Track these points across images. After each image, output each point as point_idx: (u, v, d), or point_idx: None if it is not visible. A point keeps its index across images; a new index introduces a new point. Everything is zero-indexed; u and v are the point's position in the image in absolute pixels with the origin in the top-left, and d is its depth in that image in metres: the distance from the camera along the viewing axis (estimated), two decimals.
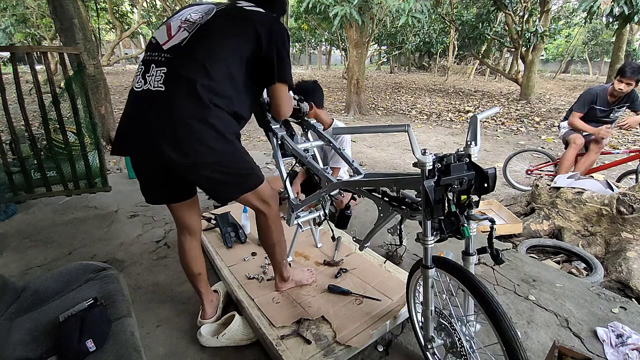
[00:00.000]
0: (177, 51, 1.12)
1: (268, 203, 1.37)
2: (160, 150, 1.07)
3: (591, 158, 3.11)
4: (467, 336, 1.11)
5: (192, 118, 1.07)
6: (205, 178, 1.17)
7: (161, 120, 1.08)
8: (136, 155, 1.19)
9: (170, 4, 12.54)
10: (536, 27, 8.68)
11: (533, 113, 8.12)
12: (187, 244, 1.44)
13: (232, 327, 1.45)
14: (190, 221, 1.41)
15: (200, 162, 1.11)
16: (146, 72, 1.13)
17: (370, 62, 25.66)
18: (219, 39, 1.14)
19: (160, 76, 1.10)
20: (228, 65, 1.14)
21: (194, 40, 1.13)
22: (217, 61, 1.12)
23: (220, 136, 1.11)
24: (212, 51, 1.13)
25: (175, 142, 1.07)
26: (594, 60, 23.86)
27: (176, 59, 1.11)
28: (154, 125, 1.08)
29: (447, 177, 0.98)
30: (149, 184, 1.30)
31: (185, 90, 1.08)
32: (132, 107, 1.15)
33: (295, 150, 1.64)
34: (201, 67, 1.10)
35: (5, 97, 2.52)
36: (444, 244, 1.21)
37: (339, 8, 5.69)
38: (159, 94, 1.08)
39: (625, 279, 2.01)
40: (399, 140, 5.80)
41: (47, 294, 1.31)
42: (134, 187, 3.33)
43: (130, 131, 1.14)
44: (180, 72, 1.09)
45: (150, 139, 1.09)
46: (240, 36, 1.16)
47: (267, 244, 1.49)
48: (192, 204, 1.40)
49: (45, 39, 12.55)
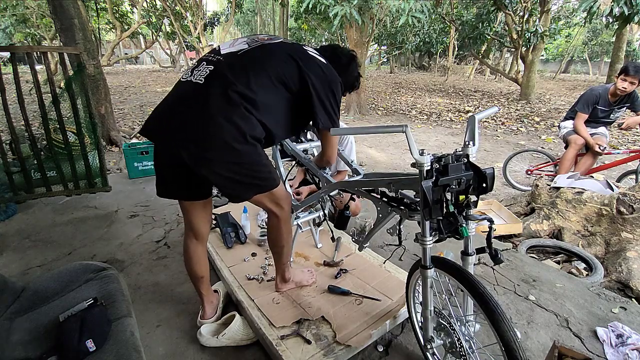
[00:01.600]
0: (230, 57, 1.21)
1: (281, 205, 1.37)
2: (181, 140, 1.12)
3: (591, 158, 3.11)
4: (467, 336, 1.11)
5: (218, 113, 1.11)
6: (219, 176, 1.19)
7: (191, 111, 1.13)
8: (160, 141, 1.22)
9: (170, 4, 12.55)
10: (536, 27, 8.66)
11: (533, 113, 8.12)
12: (192, 247, 1.44)
13: (232, 327, 1.45)
14: (198, 224, 1.41)
15: (217, 158, 1.14)
16: (196, 67, 1.21)
17: (370, 62, 25.65)
18: (273, 59, 1.21)
19: (205, 72, 1.17)
20: (270, 83, 1.19)
21: (250, 53, 1.21)
22: (261, 75, 1.17)
23: (242, 136, 1.13)
24: (260, 66, 1.19)
25: (198, 134, 1.11)
26: (594, 60, 23.82)
27: (226, 62, 1.19)
28: (183, 115, 1.14)
29: (445, 178, 0.98)
30: (165, 174, 1.31)
31: (221, 88, 1.13)
32: (172, 95, 1.22)
33: (295, 151, 1.64)
34: (244, 74, 1.15)
35: (5, 97, 2.52)
36: (443, 244, 1.22)
37: (339, 8, 5.68)
38: (197, 86, 1.15)
39: (625, 279, 2.01)
40: (398, 140, 5.80)
41: (47, 294, 1.31)
42: (134, 187, 3.35)
43: (162, 117, 1.20)
44: (224, 73, 1.16)
45: (176, 128, 1.14)
46: (292, 66, 1.22)
47: (276, 245, 1.49)
48: (204, 207, 1.40)
49: (45, 39, 12.56)
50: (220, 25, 15.67)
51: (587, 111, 3.08)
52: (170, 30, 16.02)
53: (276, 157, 1.74)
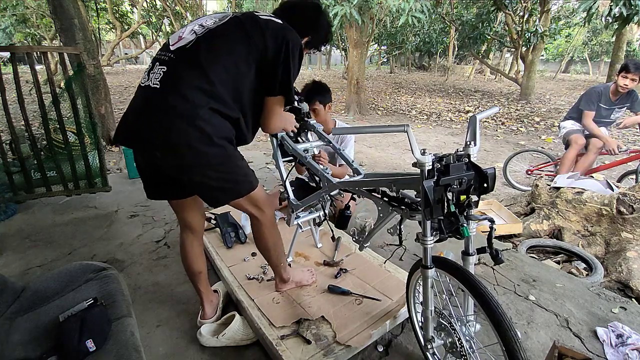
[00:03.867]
0: (181, 52, 1.12)
1: (261, 209, 1.33)
2: (149, 147, 1.09)
3: (590, 158, 3.11)
4: (467, 336, 1.11)
5: (179, 117, 1.05)
6: (193, 182, 1.16)
7: (152, 117, 1.09)
8: (133, 147, 1.20)
9: (170, 3, 12.55)
10: (536, 27, 8.67)
11: (533, 113, 8.12)
12: (188, 242, 1.44)
13: (232, 327, 1.45)
14: (191, 219, 1.41)
15: (186, 164, 1.10)
16: (151, 69, 1.14)
17: (370, 62, 25.63)
18: (224, 44, 1.12)
19: (159, 74, 1.11)
20: (230, 71, 1.12)
21: (199, 43, 1.12)
22: (218, 66, 1.10)
23: (207, 138, 1.07)
24: (214, 55, 1.11)
25: (161, 141, 1.07)
26: (594, 60, 23.83)
27: (177, 60, 1.11)
28: (146, 121, 1.10)
29: (447, 177, 0.98)
30: (146, 178, 1.30)
31: (178, 90, 1.07)
32: (134, 101, 1.17)
33: (295, 150, 1.64)
34: (200, 69, 1.08)
35: (5, 97, 2.52)
36: (443, 244, 1.21)
37: (339, 8, 5.68)
38: (154, 91, 1.09)
39: (625, 279, 2.01)
40: (399, 140, 5.80)
41: (47, 294, 1.31)
42: (134, 187, 3.34)
43: (129, 124, 1.16)
44: (178, 73, 1.09)
45: (142, 135, 1.10)
46: (247, 44, 1.13)
47: (261, 248, 1.48)
48: (193, 203, 1.38)
49: (45, 39, 12.56)
50: None
51: (592, 108, 3.08)
52: (170, 30, 16.00)
53: (276, 157, 1.73)
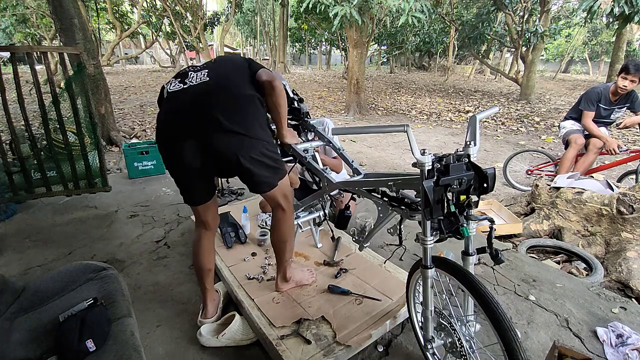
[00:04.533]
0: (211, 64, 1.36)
1: (289, 200, 1.45)
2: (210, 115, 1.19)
3: (590, 158, 3.11)
4: (467, 336, 1.11)
5: (240, 95, 1.25)
6: (250, 159, 1.24)
7: (211, 97, 1.22)
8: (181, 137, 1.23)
9: (170, 3, 12.55)
10: (536, 27, 8.66)
11: (533, 113, 8.12)
12: (203, 236, 1.50)
13: (232, 327, 1.45)
14: (209, 217, 1.49)
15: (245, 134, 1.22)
16: (185, 77, 1.30)
17: (370, 62, 25.62)
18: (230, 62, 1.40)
19: (203, 74, 1.29)
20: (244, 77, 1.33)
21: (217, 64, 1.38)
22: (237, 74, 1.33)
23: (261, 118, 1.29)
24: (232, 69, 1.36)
25: (224, 108, 1.20)
26: (594, 60, 23.81)
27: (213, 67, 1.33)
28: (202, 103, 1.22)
29: (446, 177, 0.98)
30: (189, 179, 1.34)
31: (227, 81, 1.27)
32: (171, 103, 1.28)
33: (295, 150, 1.64)
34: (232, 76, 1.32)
35: (5, 97, 2.52)
36: (443, 244, 1.21)
37: (339, 8, 5.69)
38: (205, 83, 1.26)
39: (625, 279, 2.01)
40: (399, 140, 5.80)
41: (47, 294, 1.31)
42: (134, 187, 3.35)
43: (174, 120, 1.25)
44: (221, 71, 1.31)
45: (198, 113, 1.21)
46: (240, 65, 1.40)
47: (280, 240, 1.51)
48: (214, 201, 1.49)
49: (45, 39, 12.56)
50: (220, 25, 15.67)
51: (592, 108, 3.07)
52: (170, 30, 16.03)
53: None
